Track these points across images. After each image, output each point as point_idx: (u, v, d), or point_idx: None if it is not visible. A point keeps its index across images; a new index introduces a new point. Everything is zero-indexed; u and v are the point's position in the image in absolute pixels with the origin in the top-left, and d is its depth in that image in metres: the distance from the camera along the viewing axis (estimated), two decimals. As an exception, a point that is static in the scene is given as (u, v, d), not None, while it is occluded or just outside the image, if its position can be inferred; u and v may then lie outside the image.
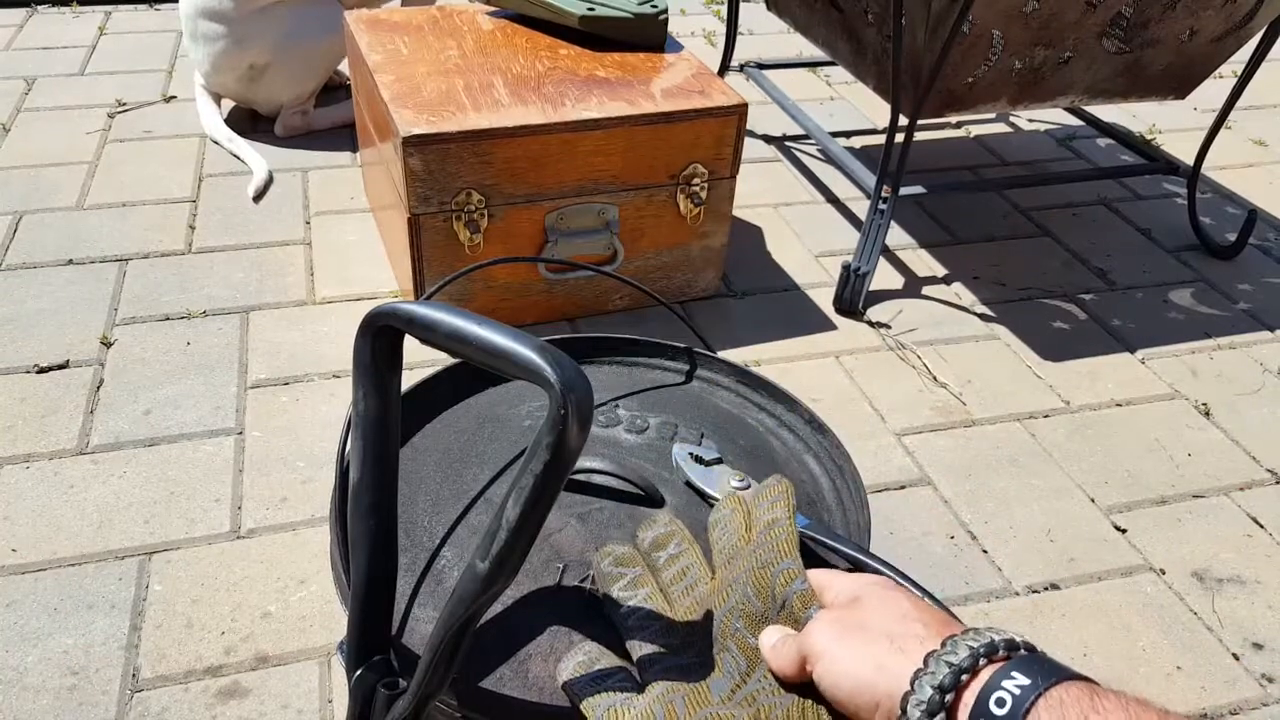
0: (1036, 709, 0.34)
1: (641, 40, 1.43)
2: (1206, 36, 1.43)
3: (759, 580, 0.48)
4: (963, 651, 0.37)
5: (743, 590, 0.48)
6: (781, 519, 0.51)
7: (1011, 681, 0.35)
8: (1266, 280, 1.63)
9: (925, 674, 0.37)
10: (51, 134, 1.79)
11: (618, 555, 0.55)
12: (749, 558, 0.50)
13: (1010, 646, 0.37)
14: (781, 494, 0.54)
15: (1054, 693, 0.34)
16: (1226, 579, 1.10)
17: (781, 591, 0.47)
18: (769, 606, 0.47)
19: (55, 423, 1.18)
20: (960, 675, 0.36)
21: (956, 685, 0.36)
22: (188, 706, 0.89)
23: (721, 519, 0.55)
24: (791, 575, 0.47)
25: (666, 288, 1.43)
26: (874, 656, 0.39)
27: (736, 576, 0.49)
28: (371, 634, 0.50)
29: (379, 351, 0.47)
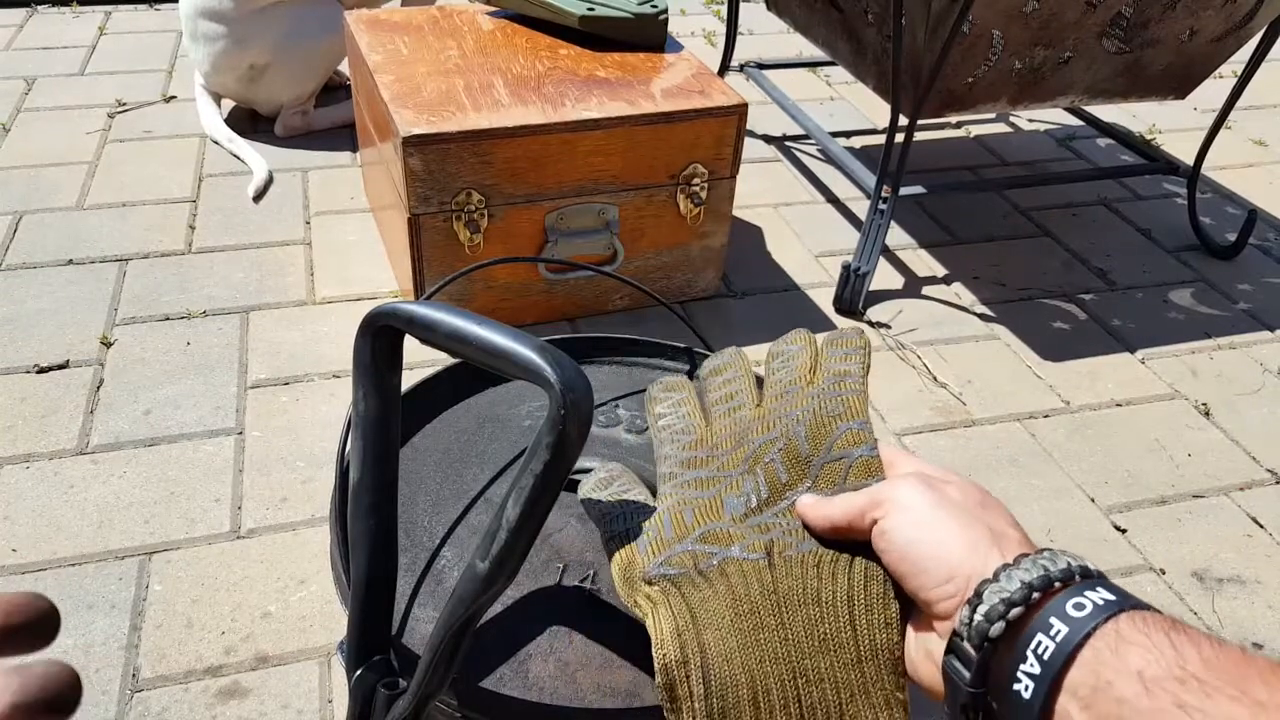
0: (1117, 619, 0.33)
1: (641, 40, 1.43)
2: (1206, 36, 1.43)
3: (818, 425, 0.45)
4: (1060, 563, 0.36)
5: (793, 427, 0.45)
6: (855, 373, 0.48)
7: (1096, 594, 0.34)
8: (1266, 280, 1.63)
9: (1017, 569, 0.36)
10: (51, 134, 1.79)
11: (667, 382, 0.52)
12: (811, 399, 0.46)
13: (1101, 576, 0.36)
14: (859, 347, 0.50)
15: (1138, 611, 0.33)
16: (1226, 579, 1.10)
17: (842, 449, 0.44)
18: (818, 453, 0.44)
19: (55, 423, 1.18)
20: (1052, 582, 0.35)
21: (1047, 589, 0.35)
22: (188, 706, 0.89)
23: (784, 352, 0.52)
24: (860, 438, 0.44)
25: (666, 288, 1.43)
26: (969, 534, 0.38)
27: (790, 412, 0.46)
28: (371, 634, 0.50)
29: (379, 351, 0.47)
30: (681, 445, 0.48)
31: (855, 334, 0.51)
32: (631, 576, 0.42)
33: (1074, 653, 0.33)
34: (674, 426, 0.49)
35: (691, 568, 0.41)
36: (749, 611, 0.39)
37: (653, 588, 0.42)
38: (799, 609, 0.39)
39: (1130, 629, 0.33)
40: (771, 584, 0.40)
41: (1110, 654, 0.32)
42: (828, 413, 0.45)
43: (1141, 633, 0.32)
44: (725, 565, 0.41)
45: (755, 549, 0.41)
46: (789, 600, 0.39)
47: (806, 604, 0.39)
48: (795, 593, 0.40)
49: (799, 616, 0.39)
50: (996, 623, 0.35)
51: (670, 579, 0.41)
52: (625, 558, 0.43)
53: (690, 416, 0.50)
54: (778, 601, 0.39)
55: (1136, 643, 0.32)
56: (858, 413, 0.45)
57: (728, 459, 0.47)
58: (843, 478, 0.43)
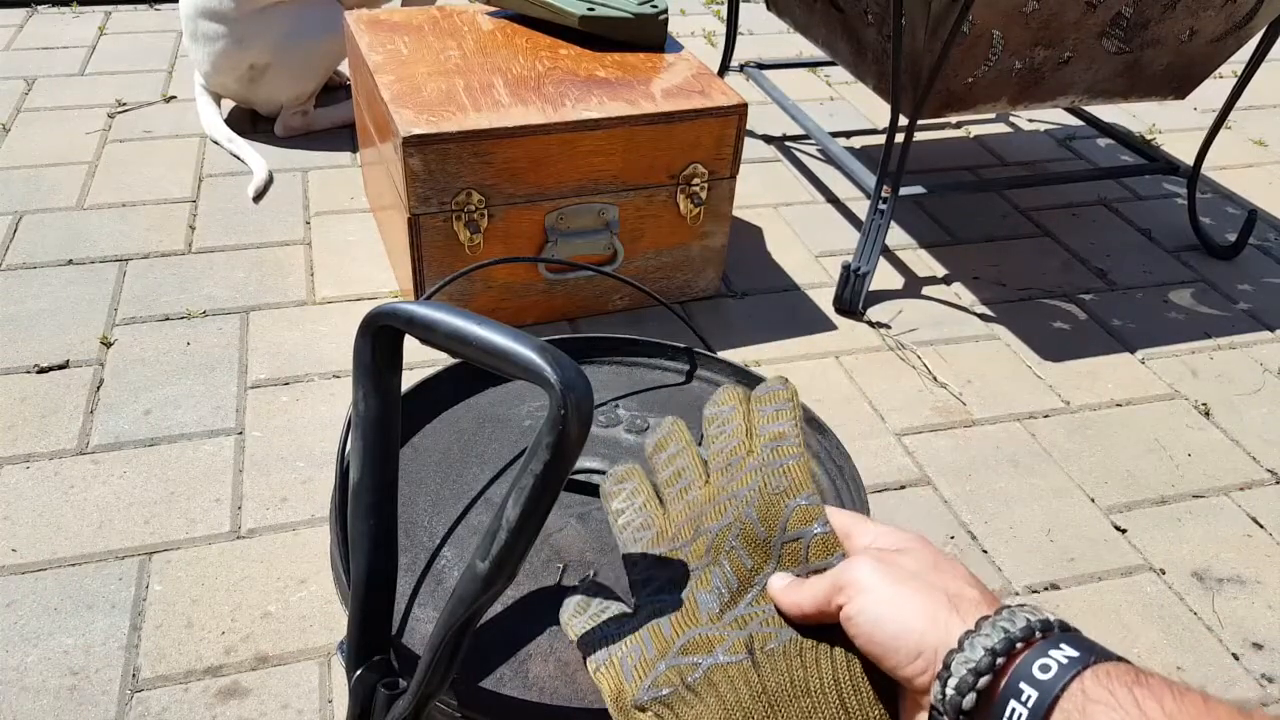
0: (1082, 677, 0.34)
1: (641, 40, 1.43)
2: (1206, 36, 1.43)
3: (767, 505, 0.45)
4: (1020, 622, 0.36)
5: (745, 510, 0.45)
6: (789, 435, 0.48)
7: (1059, 652, 0.35)
8: (1266, 280, 1.63)
9: (979, 635, 0.36)
10: (51, 134, 1.79)
11: (618, 473, 0.53)
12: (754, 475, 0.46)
13: (1063, 628, 0.37)
14: (786, 400, 0.50)
15: (1101, 666, 0.34)
16: (1226, 579, 1.10)
17: (796, 528, 0.44)
18: (774, 535, 0.44)
19: (55, 423, 1.18)
20: (1014, 643, 0.36)
21: (1010, 651, 0.36)
22: (188, 706, 0.89)
23: (719, 415, 0.52)
24: (810, 514, 0.44)
25: (666, 288, 1.43)
26: (926, 607, 0.38)
27: (738, 492, 0.47)
28: (371, 634, 0.50)
29: (379, 351, 0.47)
30: (643, 544, 0.48)
31: (780, 385, 0.51)
32: (624, 705, 0.43)
33: (1045, 717, 0.34)
34: (634, 523, 0.50)
35: (680, 684, 0.41)
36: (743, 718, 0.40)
37: (646, 714, 0.42)
38: (790, 703, 0.39)
39: (1095, 687, 0.34)
40: (759, 684, 0.40)
41: (1079, 715, 0.33)
42: (773, 490, 0.46)
43: (1106, 689, 0.33)
44: (711, 674, 0.41)
45: (737, 649, 0.41)
46: (779, 697, 0.40)
47: (796, 697, 0.40)
48: (784, 688, 0.40)
49: (792, 711, 0.39)
50: (968, 694, 0.36)
51: (662, 701, 0.41)
52: (615, 687, 0.43)
53: (646, 508, 0.50)
54: (768, 701, 0.40)
55: (1102, 701, 0.33)
56: (801, 485, 0.46)
57: (690, 551, 0.47)
58: (804, 557, 0.44)
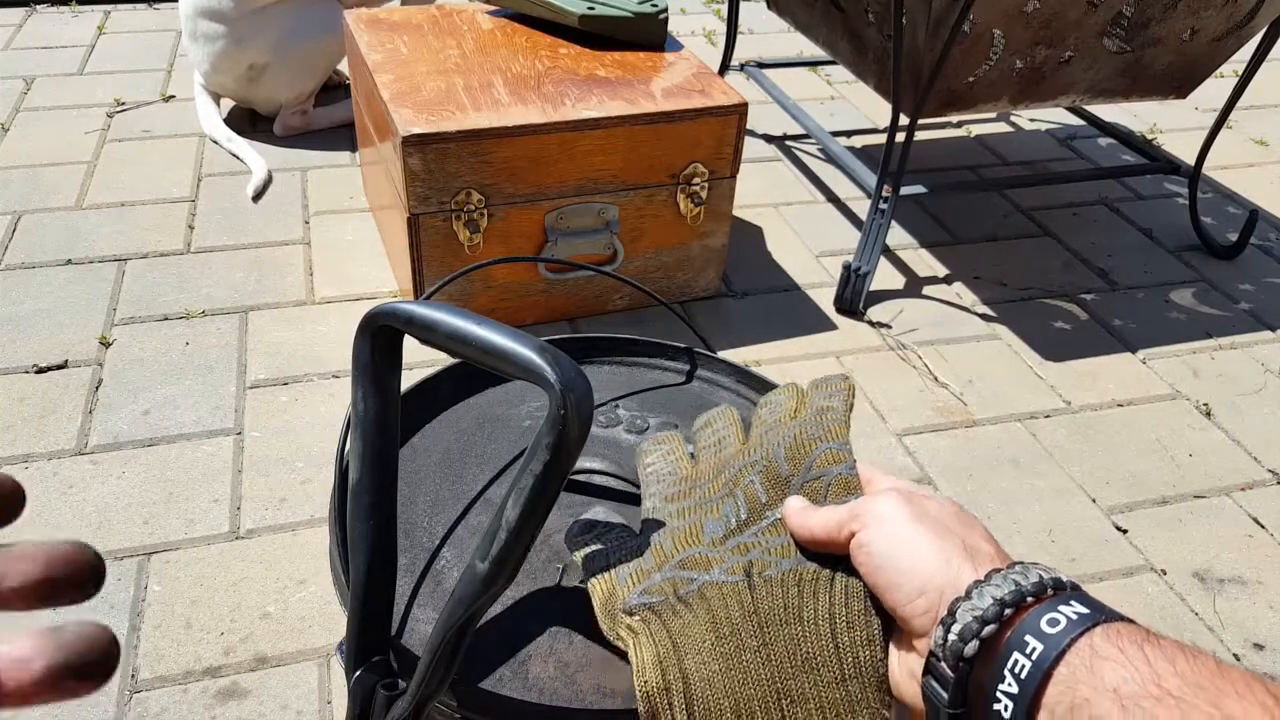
0: (1091, 634, 0.33)
1: (642, 39, 1.43)
2: (1207, 36, 1.43)
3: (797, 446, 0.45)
4: (1032, 577, 0.36)
5: (773, 450, 0.45)
6: (837, 408, 0.48)
7: (1069, 608, 0.34)
8: (1268, 280, 1.63)
9: (989, 585, 0.36)
10: (50, 133, 1.79)
11: (658, 435, 0.53)
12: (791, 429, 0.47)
13: (1075, 588, 0.36)
14: (842, 388, 0.50)
15: (1112, 624, 0.33)
16: (1228, 579, 1.10)
17: (821, 468, 0.44)
18: (797, 473, 0.44)
19: (54, 423, 1.18)
20: (1024, 597, 0.35)
21: (1019, 604, 0.35)
22: (186, 707, 0.89)
23: (772, 400, 0.52)
24: (839, 457, 0.44)
25: (666, 288, 1.43)
26: (943, 550, 0.38)
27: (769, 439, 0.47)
28: (371, 635, 0.50)
29: (378, 351, 0.47)
30: (666, 484, 0.48)
31: (840, 378, 0.52)
32: (612, 609, 0.42)
33: (1050, 670, 0.33)
34: (660, 470, 0.50)
35: (671, 594, 0.41)
36: (730, 634, 0.39)
37: (633, 618, 0.42)
38: (780, 629, 0.39)
39: (1105, 643, 0.32)
40: (752, 605, 0.40)
41: (1086, 671, 0.32)
42: (807, 436, 0.46)
43: (1116, 647, 0.32)
44: (705, 589, 0.40)
45: (735, 571, 0.41)
46: (770, 620, 0.39)
47: (788, 623, 0.39)
48: (776, 612, 0.39)
49: (781, 636, 0.39)
50: (970, 642, 0.35)
51: (650, 607, 0.41)
52: (605, 590, 0.43)
53: (677, 461, 0.51)
54: (759, 622, 0.39)
55: (1111, 658, 0.32)
56: (837, 435, 0.46)
57: (709, 487, 0.47)
58: (822, 496, 0.43)
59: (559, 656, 0.53)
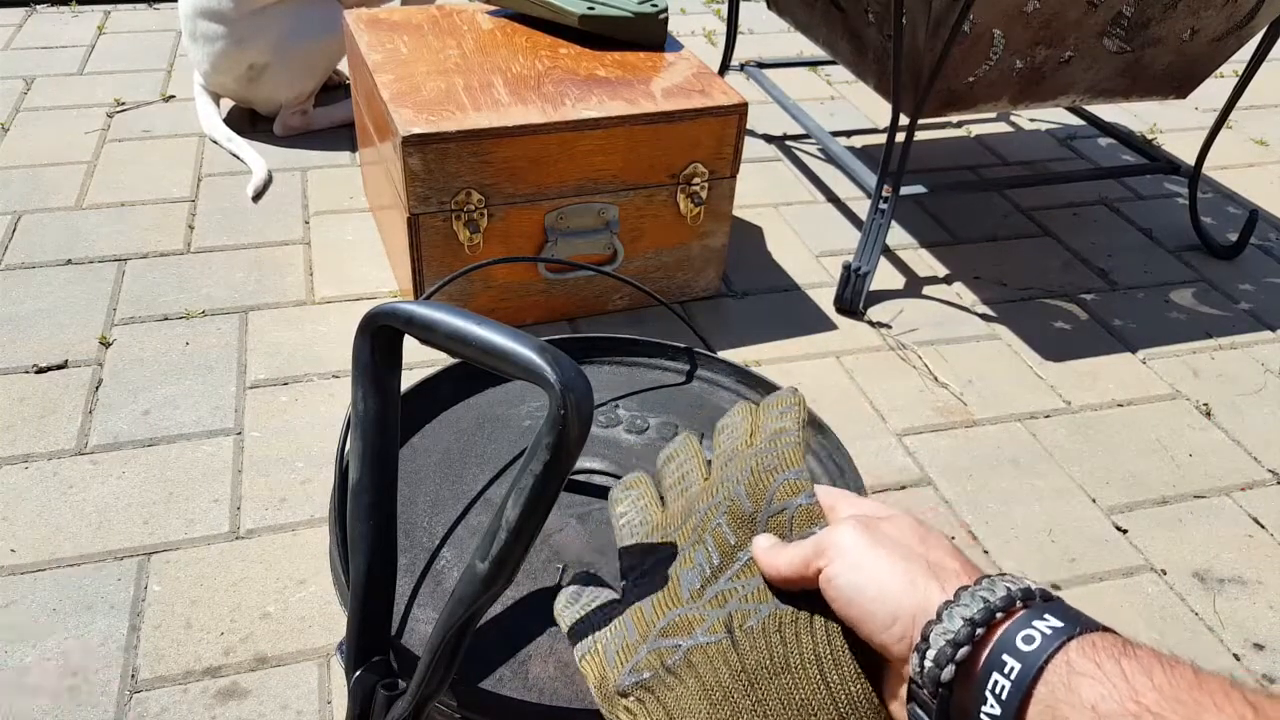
0: (1067, 649, 0.33)
1: (642, 39, 1.43)
2: (1207, 36, 1.43)
3: (756, 481, 0.45)
4: (1000, 591, 0.35)
5: (734, 488, 0.45)
6: (790, 429, 0.48)
7: (1043, 623, 0.34)
8: (1268, 280, 1.63)
9: (957, 606, 0.35)
10: (50, 133, 1.79)
11: (626, 481, 0.53)
12: (748, 460, 0.47)
13: (1045, 597, 0.36)
14: (792, 404, 0.50)
15: (1088, 636, 0.33)
16: (1228, 579, 1.10)
17: (782, 500, 0.44)
18: (760, 509, 0.44)
19: (54, 423, 1.18)
20: (994, 613, 0.35)
21: (989, 622, 0.34)
22: (186, 707, 0.89)
23: (728, 424, 0.52)
24: (797, 487, 0.44)
25: (666, 288, 1.43)
26: (907, 573, 0.37)
27: (729, 475, 0.47)
28: (371, 635, 0.50)
29: (378, 351, 0.47)
30: (639, 537, 0.48)
31: (789, 393, 0.52)
32: (608, 692, 0.42)
33: (1030, 689, 0.32)
34: (633, 521, 0.50)
35: (659, 667, 0.41)
36: (722, 699, 0.39)
37: (628, 699, 0.41)
38: (770, 681, 0.39)
39: (1081, 658, 0.32)
40: (738, 663, 0.39)
41: (1064, 689, 0.32)
42: (764, 468, 0.45)
43: (1092, 661, 0.32)
44: (690, 655, 0.40)
45: (716, 629, 0.41)
46: (759, 675, 0.39)
47: (777, 673, 0.39)
48: (764, 665, 0.39)
49: (772, 688, 0.39)
50: (946, 667, 0.34)
51: (643, 685, 0.41)
52: (598, 674, 0.43)
53: (648, 509, 0.50)
54: (748, 679, 0.39)
55: (1088, 674, 0.32)
56: (793, 462, 0.45)
57: (680, 535, 0.47)
58: (788, 529, 0.43)
59: (559, 656, 0.53)
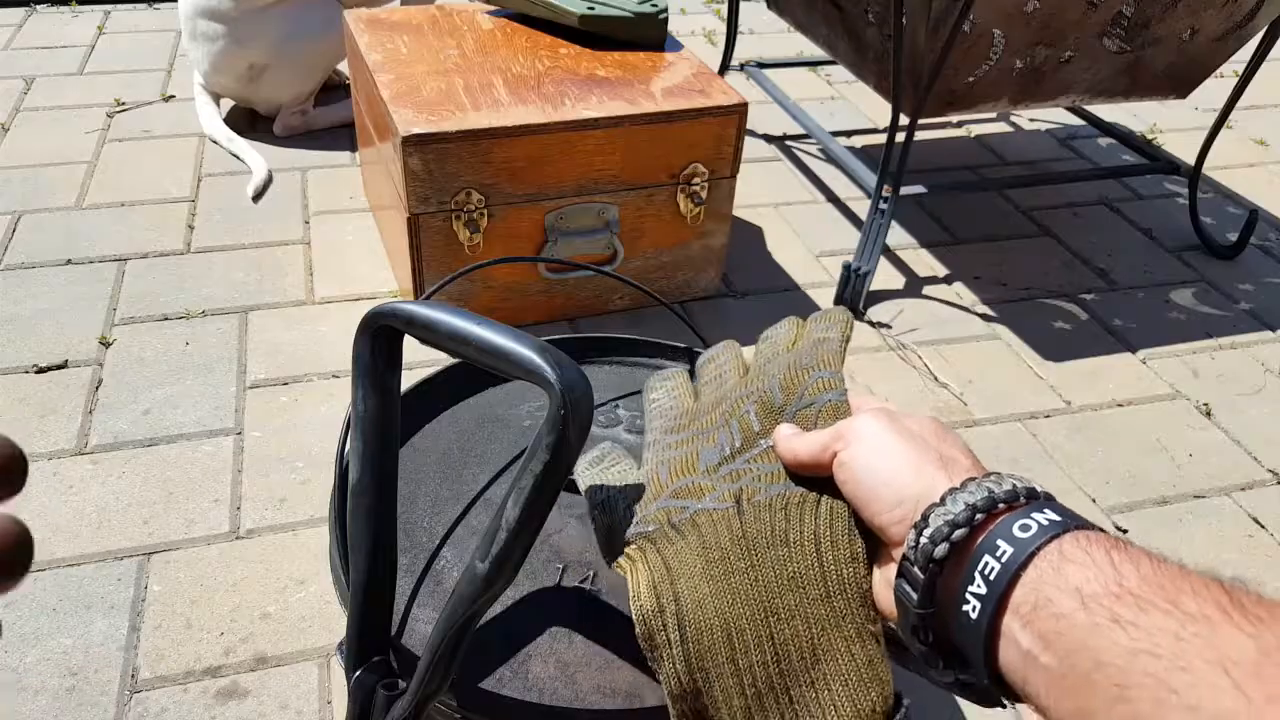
0: (1060, 539, 0.33)
1: (641, 39, 1.43)
2: (1207, 36, 1.43)
3: (790, 377, 0.47)
4: (1005, 485, 0.36)
5: (768, 380, 0.47)
6: (833, 339, 0.49)
7: (1042, 515, 0.34)
8: (1268, 280, 1.63)
9: (962, 492, 0.36)
10: (50, 133, 1.79)
11: (664, 372, 0.55)
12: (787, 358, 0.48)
13: (1049, 498, 0.36)
14: (840, 320, 0.52)
15: (1083, 531, 0.34)
16: (1228, 579, 1.10)
17: (814, 395, 0.45)
18: (790, 403, 0.46)
19: (54, 423, 1.18)
20: (996, 503, 0.35)
21: (991, 510, 0.35)
22: (186, 707, 0.89)
23: (771, 334, 0.54)
24: (829, 384, 0.46)
25: (666, 287, 1.43)
26: (919, 462, 0.39)
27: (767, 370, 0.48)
28: (371, 635, 0.50)
29: (378, 351, 0.47)
30: (668, 418, 0.50)
31: (839, 310, 0.53)
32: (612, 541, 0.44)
33: (1018, 572, 0.33)
34: (663, 404, 0.52)
35: (665, 523, 0.43)
36: (719, 558, 0.41)
37: (631, 547, 0.43)
38: (767, 550, 0.40)
39: (1073, 548, 0.33)
40: (740, 530, 0.41)
41: (1052, 572, 0.33)
42: (801, 365, 0.47)
43: (1083, 550, 0.33)
44: (696, 516, 0.42)
45: (725, 498, 0.43)
46: (757, 543, 0.41)
47: (775, 545, 0.41)
48: (764, 535, 0.41)
49: (768, 558, 0.40)
50: (940, 544, 0.35)
51: (646, 536, 0.43)
52: (605, 524, 0.45)
53: (680, 396, 0.52)
54: (747, 546, 0.41)
55: (1077, 560, 0.33)
56: (829, 364, 0.47)
57: (707, 419, 0.49)
58: (813, 422, 0.45)
59: (559, 656, 0.53)
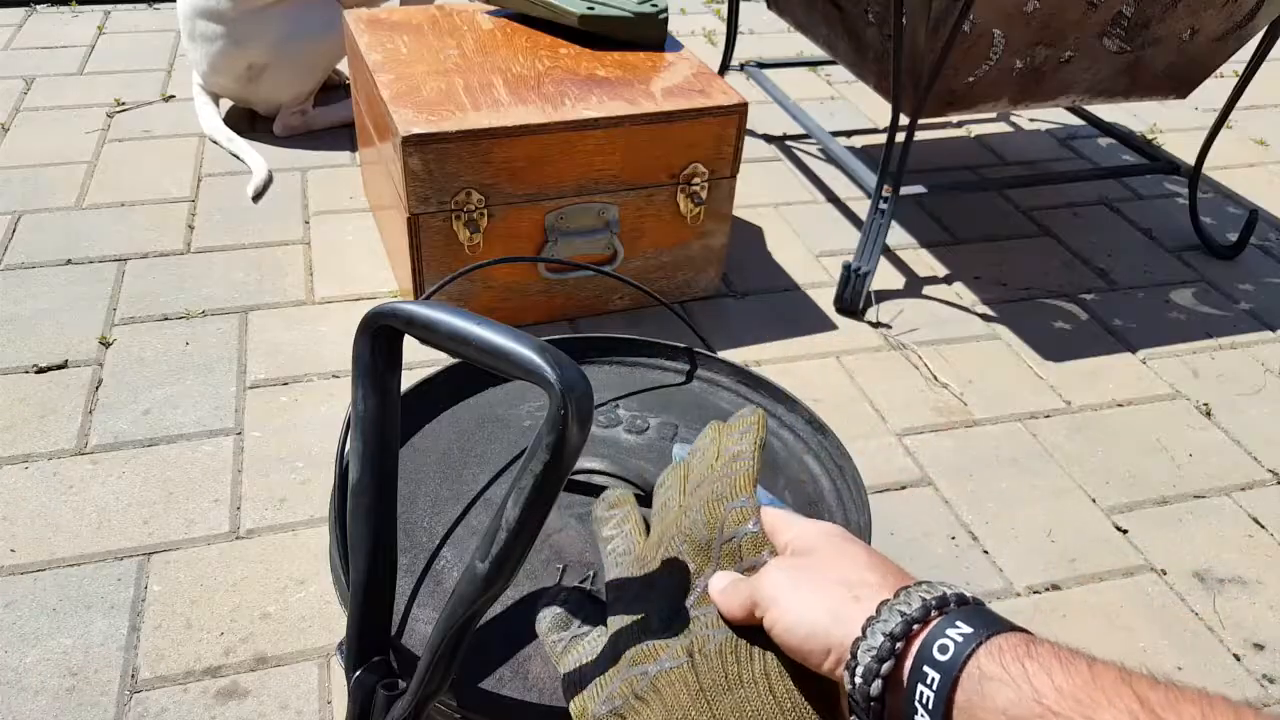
0: (977, 655, 0.35)
1: (641, 39, 1.43)
2: (1207, 36, 1.43)
3: (710, 511, 0.48)
4: (915, 602, 0.38)
5: (694, 516, 0.48)
6: (746, 452, 0.51)
7: (955, 630, 0.36)
8: (1268, 280, 1.63)
9: (878, 621, 0.38)
10: (50, 133, 1.79)
11: (610, 499, 0.55)
12: (708, 487, 0.49)
13: (959, 600, 0.38)
14: (751, 425, 0.53)
15: (994, 640, 0.35)
16: (1228, 579, 1.10)
17: (731, 529, 0.47)
18: (715, 537, 0.47)
19: (54, 423, 1.18)
20: (911, 625, 0.37)
21: (907, 634, 0.37)
22: (186, 707, 0.89)
23: (698, 447, 0.55)
24: (745, 515, 0.47)
25: (666, 288, 1.43)
26: (829, 605, 0.40)
27: (692, 503, 0.50)
28: (371, 635, 0.50)
29: (378, 351, 0.47)
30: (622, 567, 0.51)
31: (749, 413, 0.54)
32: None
33: (950, 698, 0.35)
34: (618, 549, 0.52)
35: (630, 695, 0.44)
36: (681, 718, 0.42)
37: None
38: (725, 696, 0.42)
39: (989, 663, 0.35)
40: (696, 683, 0.42)
41: (978, 694, 0.35)
42: (716, 497, 0.48)
43: (999, 664, 0.35)
44: (656, 681, 0.43)
45: (678, 654, 0.44)
46: (714, 692, 0.42)
47: (730, 689, 0.42)
48: (719, 683, 0.42)
49: (726, 703, 0.41)
50: (874, 682, 0.37)
51: (615, 712, 0.44)
52: (579, 707, 0.46)
53: (632, 534, 0.53)
54: (705, 698, 0.42)
55: (996, 678, 0.34)
56: (742, 489, 0.48)
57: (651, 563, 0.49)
58: (738, 556, 0.46)
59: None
